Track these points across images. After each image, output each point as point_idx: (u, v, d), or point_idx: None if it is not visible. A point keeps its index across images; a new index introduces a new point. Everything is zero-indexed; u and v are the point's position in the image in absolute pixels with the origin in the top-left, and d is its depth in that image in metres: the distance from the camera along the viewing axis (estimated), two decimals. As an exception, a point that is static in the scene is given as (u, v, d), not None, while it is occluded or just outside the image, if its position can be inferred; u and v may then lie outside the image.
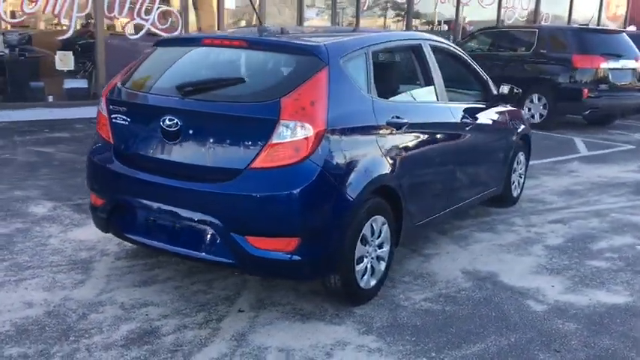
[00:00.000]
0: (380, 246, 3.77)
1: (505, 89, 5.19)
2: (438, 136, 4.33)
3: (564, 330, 3.51)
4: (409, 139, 3.96)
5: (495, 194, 5.59)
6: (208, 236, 3.37)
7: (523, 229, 5.26)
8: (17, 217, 4.92)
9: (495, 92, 5.21)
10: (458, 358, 3.18)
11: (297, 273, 3.39)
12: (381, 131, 3.67)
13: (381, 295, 3.85)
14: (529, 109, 10.60)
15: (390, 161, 3.71)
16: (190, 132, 3.40)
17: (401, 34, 5.26)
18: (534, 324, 3.57)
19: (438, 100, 4.42)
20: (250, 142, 3.25)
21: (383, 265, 3.84)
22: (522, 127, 5.82)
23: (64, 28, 11.24)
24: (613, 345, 3.37)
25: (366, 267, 3.67)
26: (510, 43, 11.91)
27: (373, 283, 3.76)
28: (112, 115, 3.69)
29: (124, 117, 3.63)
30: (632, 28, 17.64)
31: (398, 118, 3.81)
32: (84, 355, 3.04)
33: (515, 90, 5.23)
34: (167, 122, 3.42)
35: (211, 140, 3.36)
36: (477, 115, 4.88)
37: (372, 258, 3.71)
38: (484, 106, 5.12)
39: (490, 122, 5.13)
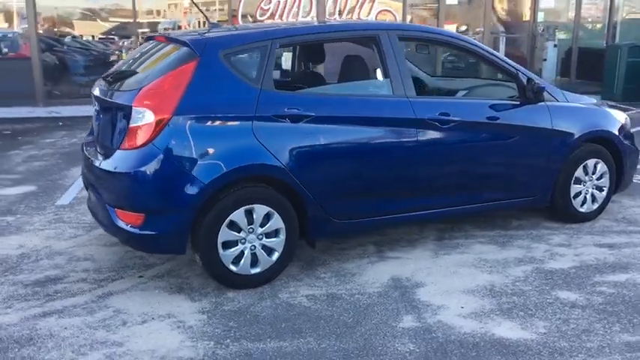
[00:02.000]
0: (268, 235, 3.83)
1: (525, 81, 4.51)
2: (380, 131, 4.10)
3: (394, 348, 3.18)
4: (320, 132, 3.89)
5: (536, 205, 4.91)
6: (103, 207, 3.93)
7: (541, 248, 4.55)
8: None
9: (532, 87, 4.53)
10: (247, 349, 3.18)
11: (145, 246, 3.74)
12: (263, 122, 3.73)
13: (272, 284, 3.92)
14: None
15: (278, 152, 3.74)
16: (101, 116, 4.01)
17: (346, 25, 4.79)
18: (374, 337, 3.29)
19: (393, 93, 4.18)
20: (123, 126, 3.71)
21: (276, 255, 3.88)
22: (594, 129, 4.94)
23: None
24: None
25: (243, 253, 3.78)
26: None
27: (256, 271, 3.85)
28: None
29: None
30: None
31: (295, 110, 3.81)
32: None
33: (534, 83, 4.50)
34: (95, 109, 4.08)
35: (109, 124, 3.91)
36: (469, 112, 4.41)
37: (254, 246, 3.80)
38: (497, 102, 4.59)
39: (501, 121, 4.52)
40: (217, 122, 3.67)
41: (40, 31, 11.72)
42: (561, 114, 4.75)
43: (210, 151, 3.62)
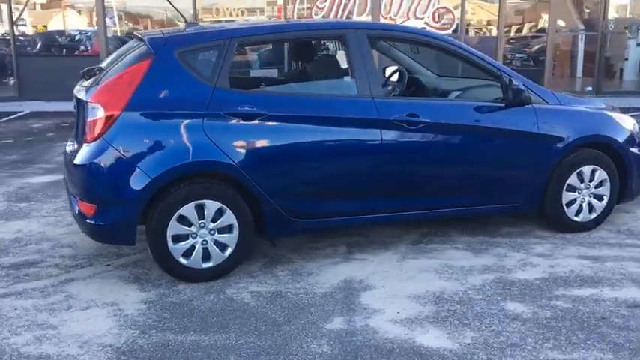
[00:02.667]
0: (221, 231, 3.92)
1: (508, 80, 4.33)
2: (340, 132, 4.09)
3: (308, 349, 3.18)
4: (273, 131, 3.94)
5: (521, 212, 4.75)
6: (71, 196, 4.15)
7: (517, 257, 4.36)
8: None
9: (512, 88, 4.35)
10: (166, 340, 3.28)
11: (97, 235, 3.91)
12: (215, 120, 3.82)
13: (226, 279, 4.00)
14: None
15: (229, 150, 3.82)
16: (76, 112, 4.22)
17: (312, 24, 4.63)
18: (294, 336, 3.30)
19: (358, 93, 4.15)
20: (84, 121, 3.91)
21: (229, 251, 3.97)
22: (589, 134, 4.68)
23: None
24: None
25: (194, 247, 3.89)
26: None
27: (208, 265, 3.94)
28: None
29: None
30: None
31: (249, 108, 3.88)
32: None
33: (513, 83, 4.31)
34: (74, 105, 4.31)
35: (80, 119, 4.12)
36: (442, 114, 4.31)
37: (205, 240, 3.90)
38: (478, 103, 4.45)
39: (479, 123, 4.38)
40: (168, 119, 3.78)
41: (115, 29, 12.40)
42: (550, 117, 4.53)
43: (159, 146, 3.74)
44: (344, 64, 4.25)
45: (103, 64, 4.32)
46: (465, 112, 4.40)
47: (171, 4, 5.69)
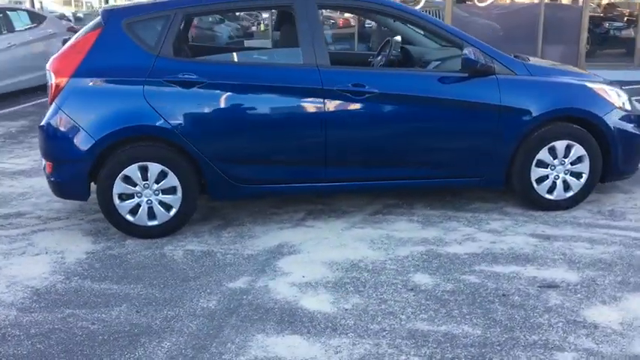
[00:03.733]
0: (165, 192, 4.21)
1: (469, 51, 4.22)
2: (280, 100, 4.20)
3: (197, 303, 3.39)
4: (212, 98, 4.13)
5: (487, 187, 4.70)
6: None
7: (464, 231, 4.29)
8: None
9: (471, 58, 4.24)
10: (81, 286, 3.62)
11: (55, 191, 4.30)
12: (155, 86, 4.08)
13: (173, 237, 4.29)
14: None
15: (168, 115, 4.08)
16: None
17: None
18: (193, 291, 3.51)
19: (303, 62, 4.25)
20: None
21: (173, 211, 4.24)
22: (561, 107, 4.46)
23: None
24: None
25: (140, 206, 4.21)
26: None
27: (153, 223, 4.25)
28: None
29: None
30: None
31: (188, 76, 4.10)
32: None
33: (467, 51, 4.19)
34: None
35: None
36: (392, 84, 4.29)
37: (150, 200, 4.21)
38: (435, 73, 4.44)
39: (433, 94, 4.31)
40: (111, 85, 4.09)
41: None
42: (515, 89, 4.36)
43: (102, 111, 4.06)
44: (293, 34, 4.31)
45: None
46: (422, 82, 4.35)
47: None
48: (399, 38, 5.28)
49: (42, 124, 4.17)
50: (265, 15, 6.06)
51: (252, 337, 3.01)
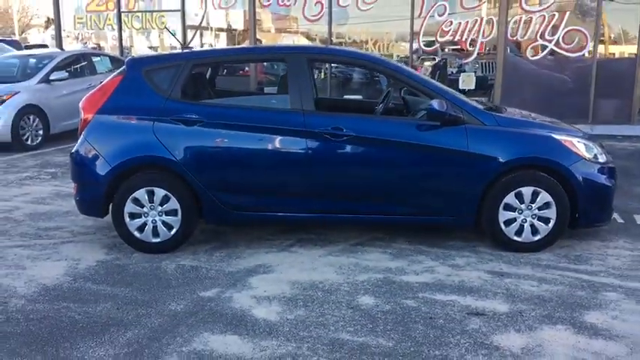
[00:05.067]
0: (168, 213, 4.93)
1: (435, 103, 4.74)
2: (267, 138, 4.84)
3: (165, 306, 4.01)
4: (209, 135, 4.84)
5: (458, 226, 5.14)
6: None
7: (426, 264, 4.71)
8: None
9: (440, 108, 4.76)
10: (81, 287, 4.31)
11: (79, 209, 5.11)
12: (164, 124, 4.84)
13: (173, 254, 4.97)
14: None
15: (172, 148, 4.81)
16: None
17: (256, 49, 5.24)
18: (169, 297, 4.11)
19: (290, 107, 4.90)
20: (79, 120, 5.19)
21: (174, 231, 4.95)
22: (526, 156, 4.86)
23: (469, 51, 13.03)
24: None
25: (146, 224, 4.95)
26: None
27: (157, 240, 4.96)
28: None
29: None
30: None
31: (190, 115, 4.85)
32: None
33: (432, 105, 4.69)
34: None
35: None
36: (365, 128, 4.85)
37: (155, 220, 4.94)
38: (410, 121, 5.00)
39: (405, 140, 4.82)
40: (128, 121, 4.88)
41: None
42: (482, 138, 4.80)
43: (119, 143, 4.85)
44: (284, 83, 4.97)
45: None
46: (397, 128, 4.87)
47: (170, 32, 6.79)
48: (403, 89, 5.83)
49: (72, 151, 5.00)
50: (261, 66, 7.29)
51: (199, 334, 3.59)
